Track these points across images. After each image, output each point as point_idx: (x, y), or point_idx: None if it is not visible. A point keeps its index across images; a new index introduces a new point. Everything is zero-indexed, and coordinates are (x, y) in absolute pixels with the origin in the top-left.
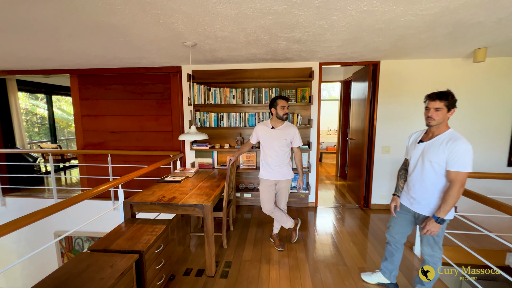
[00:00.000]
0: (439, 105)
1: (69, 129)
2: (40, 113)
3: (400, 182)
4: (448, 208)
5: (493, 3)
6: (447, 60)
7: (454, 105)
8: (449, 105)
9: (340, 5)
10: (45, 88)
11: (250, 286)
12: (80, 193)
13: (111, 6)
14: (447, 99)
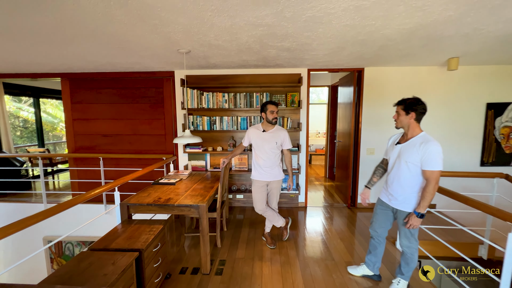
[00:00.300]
0: (398, 109)
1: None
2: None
3: (374, 177)
4: (427, 204)
5: (459, 21)
6: (424, 68)
7: (411, 109)
8: (406, 108)
9: (325, 19)
10: (31, 91)
11: (244, 282)
12: (75, 197)
13: (111, 17)
14: (403, 104)
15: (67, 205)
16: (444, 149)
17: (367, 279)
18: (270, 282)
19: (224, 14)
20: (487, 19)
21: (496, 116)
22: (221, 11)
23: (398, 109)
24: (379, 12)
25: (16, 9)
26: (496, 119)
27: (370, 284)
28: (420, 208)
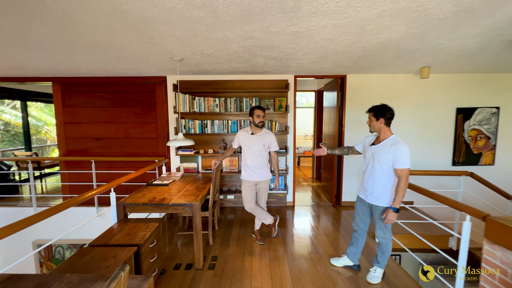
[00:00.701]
0: (370, 116)
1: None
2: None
3: (337, 149)
4: (400, 199)
5: (423, 37)
6: (400, 75)
7: (380, 115)
8: (375, 115)
9: (307, 34)
10: (17, 94)
11: (235, 275)
12: (70, 199)
13: (110, 29)
14: (373, 111)
15: (61, 207)
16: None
17: (348, 269)
18: (260, 274)
19: (216, 28)
20: (447, 36)
21: (465, 120)
22: (214, 26)
23: (370, 116)
24: (354, 29)
25: (21, 19)
26: (465, 123)
27: (350, 274)
28: (395, 204)
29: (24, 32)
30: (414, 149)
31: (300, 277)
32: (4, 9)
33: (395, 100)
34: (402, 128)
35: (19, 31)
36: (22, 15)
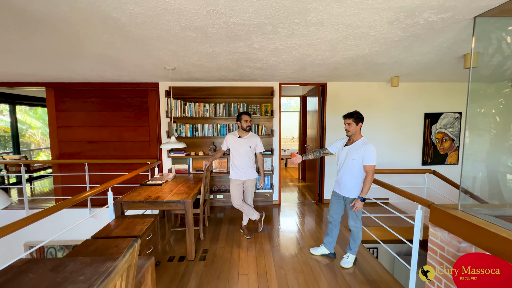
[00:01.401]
0: (349, 121)
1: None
2: None
3: (310, 154)
4: (367, 190)
5: (386, 53)
6: (374, 84)
7: (359, 119)
8: (356, 120)
9: (286, 51)
10: (5, 97)
11: (224, 264)
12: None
13: (111, 44)
14: (353, 117)
15: (57, 208)
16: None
17: (325, 257)
18: (246, 263)
19: (207, 45)
20: (405, 53)
21: (432, 124)
22: (204, 43)
23: (350, 121)
24: (326, 47)
25: (31, 34)
26: (432, 126)
27: (327, 261)
28: (362, 194)
29: (32, 45)
30: (388, 150)
31: (283, 264)
32: (16, 26)
33: (370, 106)
34: (377, 131)
35: (27, 44)
36: (33, 30)
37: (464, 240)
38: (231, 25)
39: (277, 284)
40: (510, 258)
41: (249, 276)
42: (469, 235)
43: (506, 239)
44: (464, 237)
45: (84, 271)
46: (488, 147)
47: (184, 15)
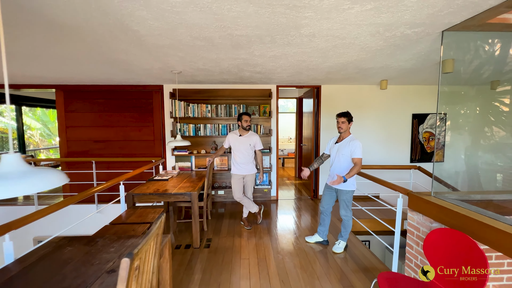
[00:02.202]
0: (343, 120)
1: None
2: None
3: (314, 163)
4: (351, 175)
5: (372, 60)
6: (365, 86)
7: (351, 119)
8: (348, 119)
9: (283, 57)
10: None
11: (227, 251)
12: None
13: (127, 51)
14: (346, 116)
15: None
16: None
17: (319, 244)
18: (247, 250)
19: (212, 52)
20: (389, 60)
21: (419, 124)
22: (210, 50)
23: (344, 120)
24: (318, 54)
25: (57, 41)
26: (420, 126)
27: (320, 248)
28: (347, 175)
29: (54, 51)
30: (378, 148)
31: (280, 250)
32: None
33: (362, 107)
34: (368, 131)
35: (51, 51)
36: (59, 39)
37: (435, 220)
38: (235, 36)
39: (275, 266)
40: (467, 231)
41: (250, 260)
42: (438, 216)
43: (465, 216)
44: (434, 218)
45: (113, 245)
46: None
47: (195, 28)
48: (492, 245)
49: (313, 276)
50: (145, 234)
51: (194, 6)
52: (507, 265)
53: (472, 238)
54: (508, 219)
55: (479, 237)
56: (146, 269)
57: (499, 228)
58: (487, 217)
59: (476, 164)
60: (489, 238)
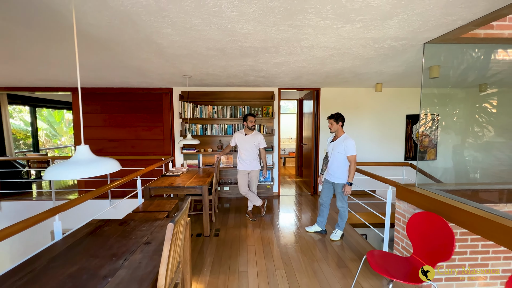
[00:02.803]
0: (331, 121)
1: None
2: None
3: (323, 166)
4: (352, 176)
5: (365, 66)
6: (361, 89)
7: (340, 119)
8: (336, 120)
9: (285, 64)
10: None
11: (235, 239)
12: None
13: (147, 59)
14: (333, 117)
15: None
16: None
17: (318, 233)
18: (253, 238)
19: (222, 60)
20: (381, 66)
21: (413, 124)
22: (221, 58)
23: (332, 121)
24: (317, 62)
25: (86, 51)
26: (413, 126)
27: (319, 236)
28: (349, 179)
29: (81, 59)
30: (374, 147)
31: (283, 238)
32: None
33: (358, 108)
34: (364, 130)
35: (80, 59)
36: (89, 49)
37: (417, 207)
38: (244, 47)
39: (279, 251)
40: (440, 213)
41: (255, 246)
42: (419, 203)
43: (440, 201)
44: (416, 204)
45: (143, 225)
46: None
47: (211, 41)
48: (459, 223)
49: (312, 259)
50: (179, 210)
51: (213, 25)
52: (470, 241)
53: (444, 219)
54: (472, 202)
55: (449, 217)
56: (179, 239)
57: (466, 209)
58: (457, 202)
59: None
60: (457, 218)
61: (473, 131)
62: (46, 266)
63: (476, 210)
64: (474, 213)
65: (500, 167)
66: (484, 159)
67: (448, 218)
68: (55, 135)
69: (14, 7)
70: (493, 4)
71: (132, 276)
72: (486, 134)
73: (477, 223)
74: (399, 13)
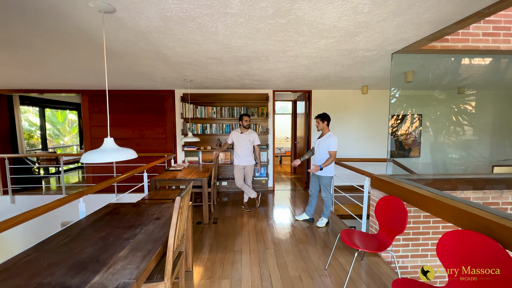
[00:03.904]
0: (317, 120)
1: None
2: None
3: (305, 154)
4: (326, 164)
5: (347, 71)
6: (350, 91)
7: (325, 118)
8: (322, 119)
9: (276, 70)
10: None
11: (232, 226)
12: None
13: (153, 66)
14: (320, 117)
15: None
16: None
17: (306, 221)
18: (248, 225)
19: (220, 66)
20: (361, 71)
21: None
22: (218, 65)
23: (318, 120)
24: (304, 68)
25: (99, 58)
26: (398, 125)
27: (307, 224)
28: (323, 165)
29: (95, 66)
30: (362, 145)
31: (274, 225)
32: (93, 54)
33: (347, 109)
34: (353, 129)
35: (94, 66)
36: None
37: (385, 192)
38: (238, 57)
39: (270, 235)
40: (401, 197)
41: (249, 232)
42: (387, 189)
43: (400, 187)
44: (384, 190)
45: (152, 207)
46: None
47: (209, 52)
48: (412, 203)
49: (299, 242)
50: (182, 191)
51: (211, 40)
52: (422, 217)
53: (402, 200)
54: (424, 187)
55: (406, 199)
56: (184, 212)
57: (418, 192)
58: (412, 186)
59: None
60: (411, 199)
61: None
62: (79, 233)
63: (426, 192)
64: (424, 195)
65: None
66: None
67: (406, 200)
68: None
69: (48, 27)
70: (433, 26)
71: (148, 239)
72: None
73: (426, 203)
74: (362, 32)
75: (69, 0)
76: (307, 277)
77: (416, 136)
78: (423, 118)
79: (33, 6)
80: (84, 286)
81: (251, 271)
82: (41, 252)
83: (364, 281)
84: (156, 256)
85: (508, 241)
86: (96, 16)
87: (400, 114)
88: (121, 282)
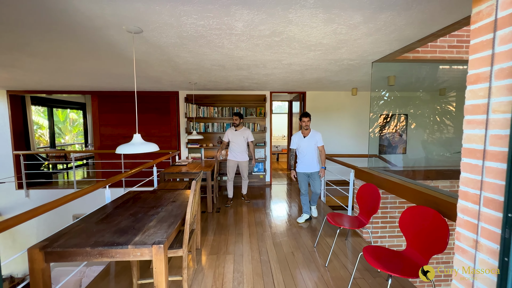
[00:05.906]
0: (306, 119)
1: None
2: None
3: (292, 161)
4: (324, 161)
5: (336, 76)
6: (341, 92)
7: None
8: (310, 118)
9: (272, 75)
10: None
11: (233, 214)
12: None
13: (164, 71)
14: (309, 116)
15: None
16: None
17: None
18: (247, 215)
19: (222, 71)
20: (350, 76)
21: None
22: (221, 71)
23: (306, 119)
24: (297, 73)
25: (116, 65)
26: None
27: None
28: (323, 164)
29: (111, 70)
30: (352, 143)
31: (271, 214)
32: (108, 60)
33: (339, 109)
34: (344, 128)
35: (110, 70)
36: (120, 64)
37: (365, 182)
38: (239, 64)
39: (268, 222)
40: (377, 184)
41: (249, 219)
42: (367, 179)
43: (376, 176)
44: (365, 180)
45: (167, 193)
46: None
47: (215, 61)
48: (383, 188)
49: (293, 226)
50: (195, 177)
51: (217, 52)
52: (398, 203)
53: (376, 186)
54: (394, 175)
55: (380, 186)
56: (197, 195)
57: (388, 179)
58: (386, 175)
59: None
60: (383, 185)
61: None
62: (112, 211)
63: (395, 179)
64: (393, 181)
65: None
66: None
67: (380, 187)
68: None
69: (83, 41)
70: (401, 43)
71: (169, 214)
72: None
73: (395, 187)
74: (343, 46)
75: (107, 23)
76: (298, 252)
77: (400, 133)
78: (408, 117)
79: (79, 28)
80: (130, 242)
81: (251, 249)
82: (87, 223)
83: (344, 254)
84: (177, 228)
85: (447, 211)
86: (125, 36)
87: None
88: (156, 240)
